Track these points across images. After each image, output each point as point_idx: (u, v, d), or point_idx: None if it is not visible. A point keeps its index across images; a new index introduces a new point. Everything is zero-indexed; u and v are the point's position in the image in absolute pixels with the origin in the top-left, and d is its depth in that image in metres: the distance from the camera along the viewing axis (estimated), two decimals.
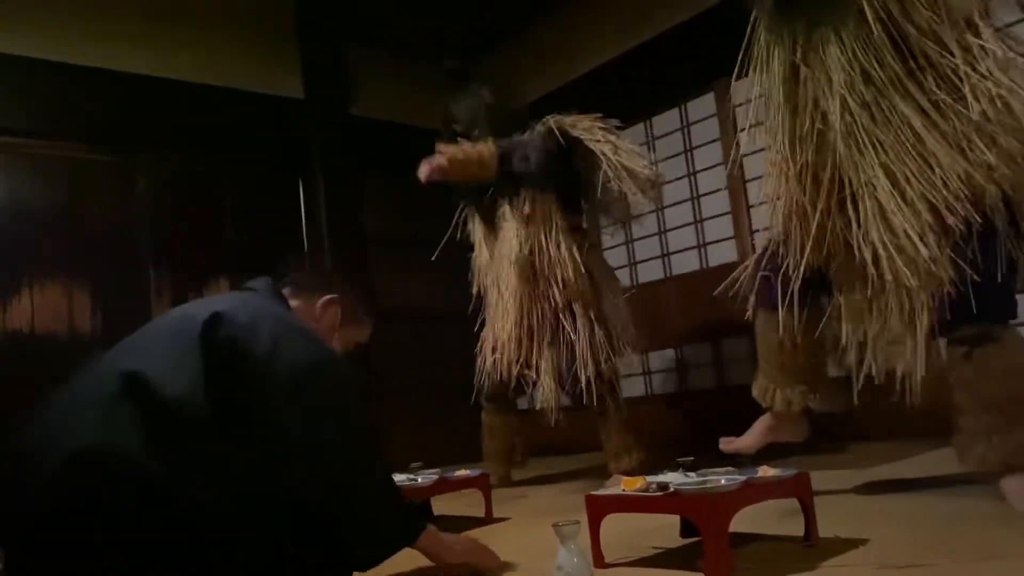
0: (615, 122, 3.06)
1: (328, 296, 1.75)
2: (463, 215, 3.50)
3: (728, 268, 3.94)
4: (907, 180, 1.86)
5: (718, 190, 4.10)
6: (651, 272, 4.39)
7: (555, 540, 1.54)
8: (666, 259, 4.35)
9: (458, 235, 3.51)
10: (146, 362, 1.36)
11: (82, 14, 3.98)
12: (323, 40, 4.81)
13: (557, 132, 3.04)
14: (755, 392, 2.30)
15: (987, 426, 1.87)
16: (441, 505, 2.70)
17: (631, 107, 4.45)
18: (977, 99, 1.79)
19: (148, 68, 4.13)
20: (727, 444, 2.37)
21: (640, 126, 4.45)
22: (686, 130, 4.26)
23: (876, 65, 1.92)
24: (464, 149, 3.08)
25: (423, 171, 3.00)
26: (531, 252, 3.05)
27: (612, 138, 3.01)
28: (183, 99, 4.24)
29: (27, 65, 3.78)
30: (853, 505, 2.11)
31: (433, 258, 3.39)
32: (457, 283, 3.65)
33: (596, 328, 2.97)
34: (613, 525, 1.75)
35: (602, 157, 2.95)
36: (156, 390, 1.31)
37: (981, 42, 1.83)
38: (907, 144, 1.87)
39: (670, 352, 4.29)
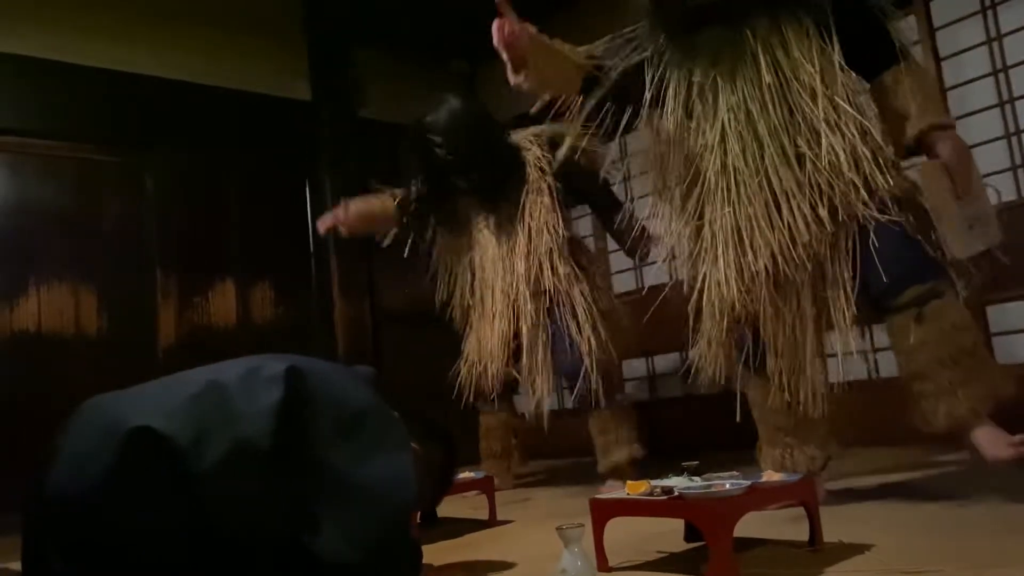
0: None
1: (416, 444, 1.63)
2: (419, 225, 3.46)
3: None
4: (751, 220, 2.03)
5: None
6: (659, 275, 4.37)
7: (559, 543, 1.54)
8: (672, 262, 4.34)
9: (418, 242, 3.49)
10: (231, 377, 1.38)
11: (90, 15, 3.99)
12: (331, 42, 4.82)
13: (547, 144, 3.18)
14: (767, 466, 2.21)
15: (948, 382, 1.91)
16: (445, 508, 2.70)
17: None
18: (834, 154, 1.98)
19: (157, 69, 4.15)
20: None
21: None
22: None
23: (760, 109, 2.07)
24: (367, 203, 3.32)
25: (321, 225, 3.30)
26: (525, 254, 3.09)
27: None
28: (191, 100, 4.26)
29: (36, 65, 3.81)
30: (858, 510, 2.10)
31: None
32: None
33: (593, 322, 2.99)
34: (617, 529, 1.75)
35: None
36: (231, 403, 1.33)
37: (845, 106, 2.01)
38: (763, 186, 2.03)
39: (675, 355, 4.28)
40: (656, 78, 2.28)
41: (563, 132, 3.19)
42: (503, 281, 3.13)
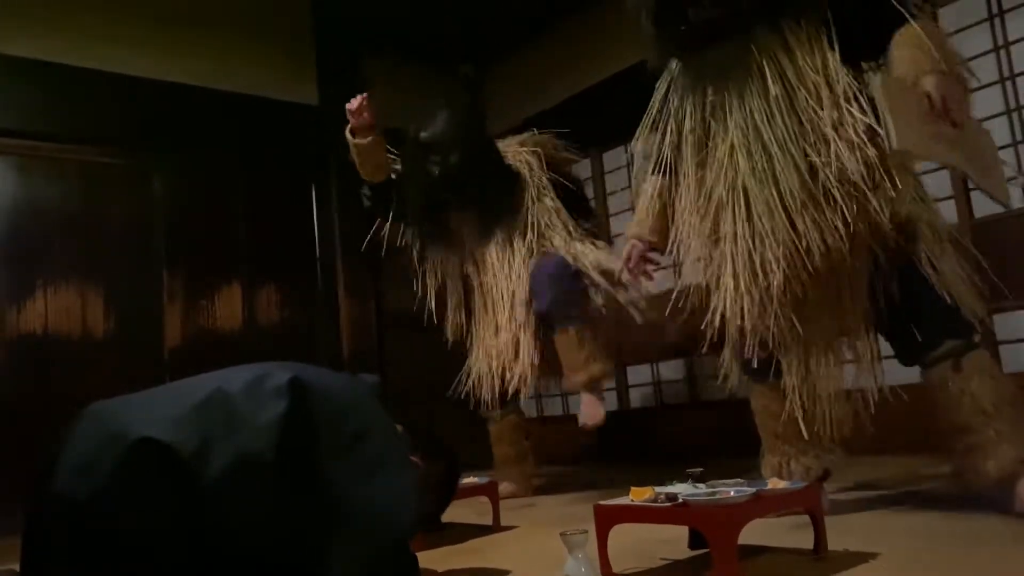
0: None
1: (416, 457, 1.64)
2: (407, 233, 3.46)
3: None
4: (765, 234, 1.99)
5: None
6: (663, 280, 4.36)
7: (563, 549, 1.54)
8: (678, 267, 4.34)
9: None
10: (237, 386, 1.38)
11: (99, 19, 4.02)
12: (339, 47, 4.84)
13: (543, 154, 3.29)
14: (767, 473, 2.23)
15: (995, 434, 1.89)
16: (449, 513, 2.69)
17: (644, 113, 4.46)
18: (842, 160, 1.93)
19: (164, 73, 4.17)
20: None
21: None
22: None
23: (768, 122, 2.03)
24: (378, 146, 3.19)
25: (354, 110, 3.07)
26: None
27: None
28: (199, 104, 4.27)
29: (44, 69, 3.82)
30: (863, 519, 2.10)
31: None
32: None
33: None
34: (621, 535, 1.74)
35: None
36: (236, 414, 1.33)
37: (850, 108, 1.95)
38: (774, 200, 1.99)
39: (680, 362, 4.28)
40: (673, 100, 2.28)
41: (544, 142, 3.34)
42: (508, 291, 3.12)
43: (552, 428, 4.76)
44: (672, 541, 1.88)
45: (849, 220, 1.93)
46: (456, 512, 2.72)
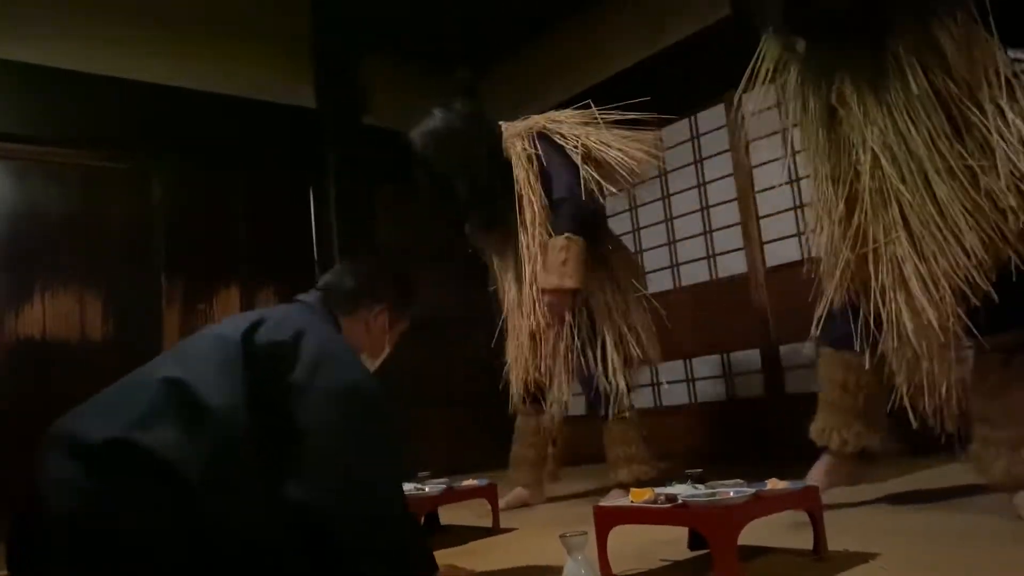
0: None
1: (376, 307, 1.77)
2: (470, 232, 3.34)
3: (738, 279, 3.98)
4: (928, 248, 1.84)
5: (728, 201, 4.10)
6: (661, 282, 4.38)
7: (562, 551, 1.54)
8: (676, 269, 4.34)
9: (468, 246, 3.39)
10: (189, 370, 1.37)
11: (98, 23, 4.01)
12: (336, 50, 4.84)
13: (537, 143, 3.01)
14: (813, 433, 2.24)
15: (1016, 438, 1.85)
16: (448, 515, 2.70)
17: (643, 114, 4.46)
18: (1009, 163, 1.77)
19: (162, 77, 4.16)
20: None
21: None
22: (696, 141, 4.26)
23: (911, 123, 1.88)
24: (565, 258, 2.82)
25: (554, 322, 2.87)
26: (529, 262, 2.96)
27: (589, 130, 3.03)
28: (197, 108, 4.27)
29: (43, 73, 3.82)
30: (863, 519, 2.10)
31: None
32: (467, 291, 3.63)
33: (615, 333, 2.92)
34: (621, 537, 1.74)
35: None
36: (198, 398, 1.32)
37: (1008, 110, 1.80)
38: (931, 208, 1.85)
39: (679, 363, 4.28)
40: (795, 86, 2.15)
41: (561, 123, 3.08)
42: (517, 291, 3.04)
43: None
44: (672, 542, 1.88)
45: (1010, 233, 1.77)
46: (455, 514, 2.72)
